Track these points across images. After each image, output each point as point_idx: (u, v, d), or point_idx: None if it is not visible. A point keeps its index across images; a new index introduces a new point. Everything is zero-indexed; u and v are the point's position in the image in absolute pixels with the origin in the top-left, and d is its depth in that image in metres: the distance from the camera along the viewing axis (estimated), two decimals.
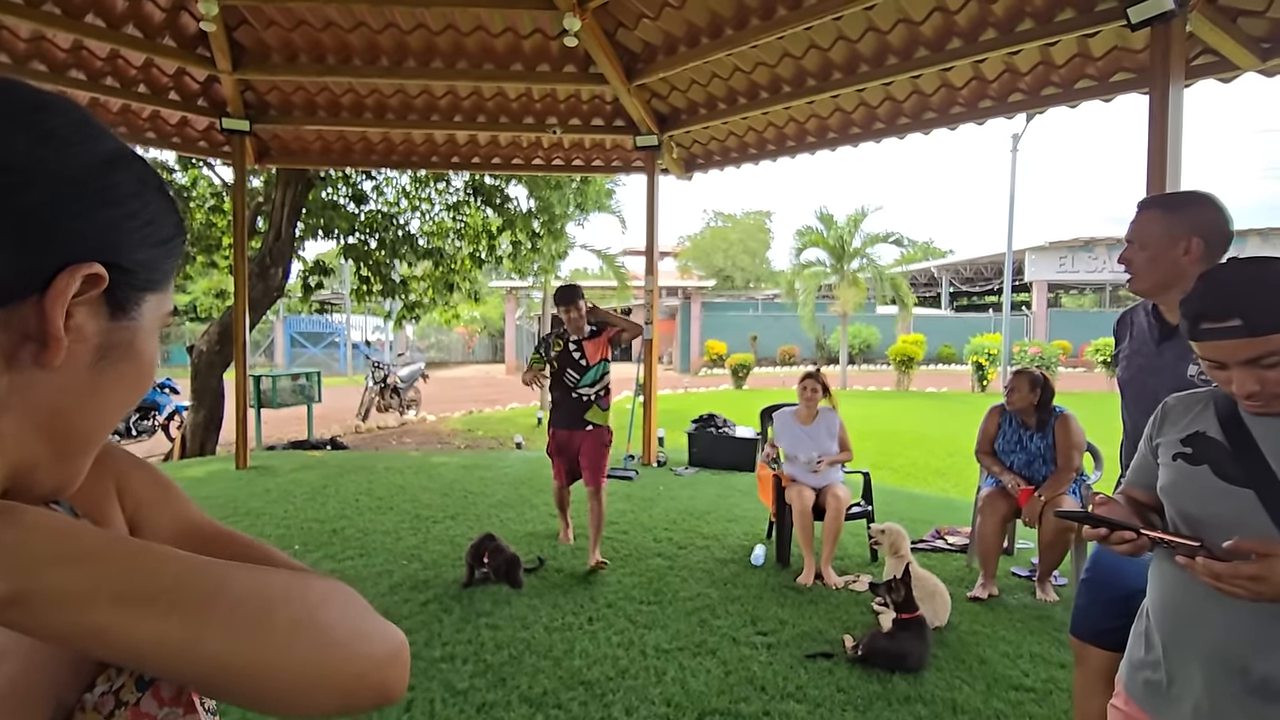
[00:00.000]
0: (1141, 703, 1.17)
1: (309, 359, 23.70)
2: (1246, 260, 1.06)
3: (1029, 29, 4.04)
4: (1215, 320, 1.03)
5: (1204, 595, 1.04)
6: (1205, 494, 1.09)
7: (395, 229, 8.81)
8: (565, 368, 3.79)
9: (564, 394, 3.83)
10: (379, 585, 3.43)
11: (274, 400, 8.32)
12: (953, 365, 24.29)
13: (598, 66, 5.42)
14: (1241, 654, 1.03)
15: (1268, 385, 1.02)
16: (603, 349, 3.84)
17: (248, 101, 5.92)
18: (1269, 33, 3.70)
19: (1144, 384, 1.75)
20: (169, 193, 0.45)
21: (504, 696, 2.44)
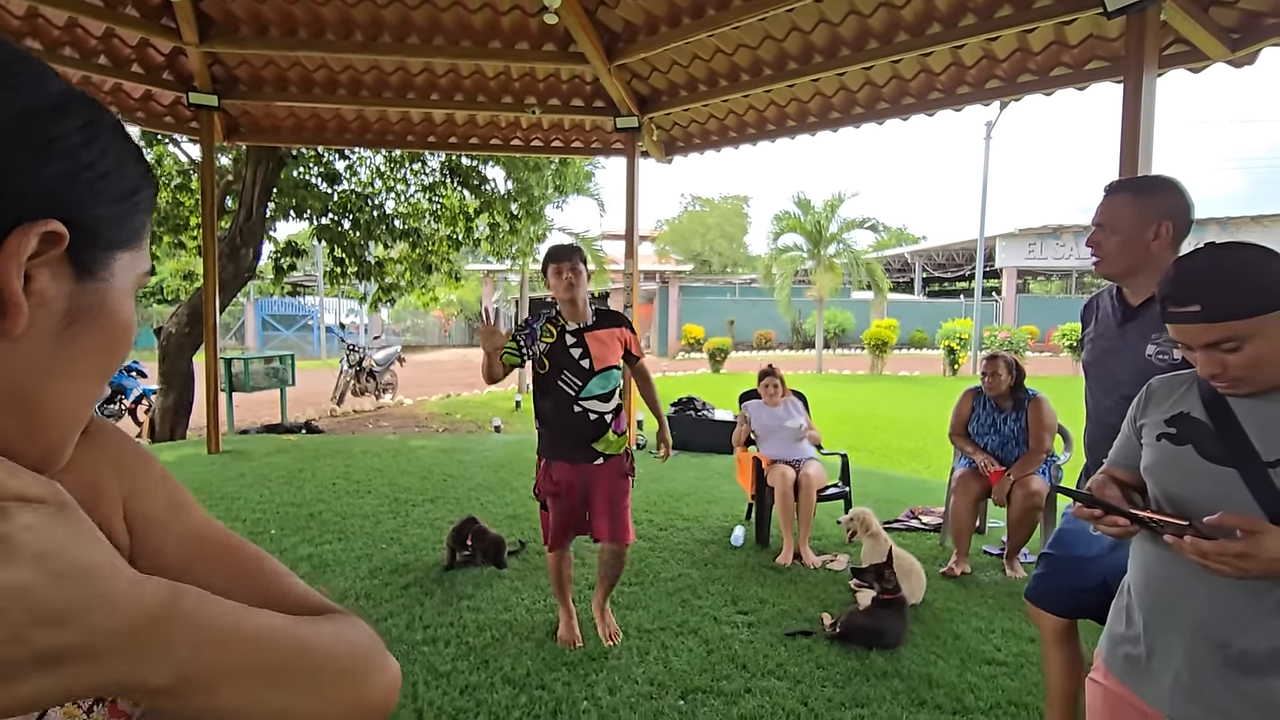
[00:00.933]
0: (1122, 677, 1.21)
1: (281, 342, 23.25)
2: (1216, 247, 1.09)
3: (1007, 15, 4.07)
4: (1178, 305, 1.06)
5: (1186, 572, 1.07)
6: (1189, 473, 1.12)
7: (370, 210, 8.64)
8: (560, 368, 2.58)
9: (558, 407, 2.58)
10: (359, 569, 3.41)
11: (246, 384, 8.16)
12: (925, 350, 24.68)
13: (578, 45, 5.34)
14: (1222, 629, 1.06)
15: (1229, 368, 1.05)
16: (614, 350, 2.65)
17: (216, 76, 5.73)
18: (1239, 23, 3.77)
19: (1105, 365, 1.81)
20: (130, 140, 0.41)
21: (487, 678, 2.45)
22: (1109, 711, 1.22)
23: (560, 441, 2.61)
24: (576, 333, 2.60)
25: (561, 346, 2.58)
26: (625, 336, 2.69)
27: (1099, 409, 1.82)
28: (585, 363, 2.57)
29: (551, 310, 2.66)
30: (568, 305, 2.62)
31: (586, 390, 2.57)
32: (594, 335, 2.60)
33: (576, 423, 2.57)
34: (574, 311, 2.62)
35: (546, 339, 2.60)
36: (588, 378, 2.57)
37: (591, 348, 2.58)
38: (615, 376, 2.64)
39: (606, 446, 2.60)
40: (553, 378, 2.59)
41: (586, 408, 2.57)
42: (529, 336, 2.61)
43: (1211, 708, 1.07)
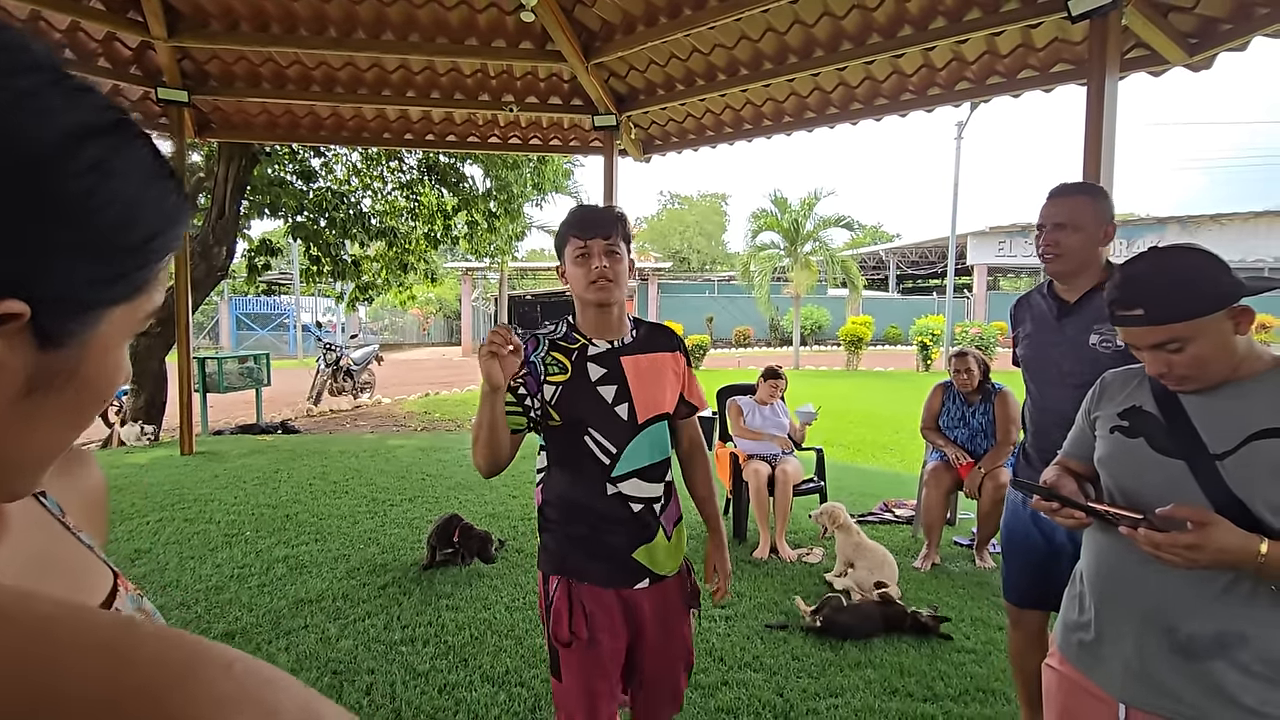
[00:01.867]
0: (1075, 662, 1.26)
1: (256, 341, 22.87)
2: (1160, 252, 1.14)
3: (976, 18, 4.16)
4: (1124, 309, 1.12)
5: (1137, 561, 1.13)
6: (1140, 465, 1.17)
7: (346, 208, 8.55)
8: (580, 423, 1.53)
9: (578, 491, 1.57)
10: (336, 570, 3.40)
11: (220, 384, 8.03)
12: (899, 346, 25.02)
13: (555, 43, 5.34)
14: (1169, 615, 1.11)
15: (1174, 367, 1.11)
16: (666, 388, 1.61)
17: (185, 71, 5.64)
18: (1196, 28, 3.89)
19: (1047, 357, 1.91)
20: (159, 175, 0.37)
21: (466, 677, 2.46)
22: (1064, 696, 1.28)
23: (581, 550, 1.53)
24: (607, 358, 1.54)
25: (582, 385, 1.51)
26: (680, 368, 1.65)
27: (1044, 399, 1.93)
28: (623, 410, 1.51)
29: (559, 325, 1.58)
30: (594, 312, 1.54)
31: (626, 459, 1.51)
32: (635, 362, 1.55)
33: (607, 517, 1.52)
34: (604, 322, 1.55)
35: (555, 376, 1.50)
36: (627, 437, 1.51)
37: (633, 384, 1.53)
38: (665, 434, 1.61)
39: (655, 556, 1.55)
40: (568, 439, 1.52)
41: (624, 491, 1.52)
42: (528, 379, 1.50)
43: (1159, 690, 1.13)
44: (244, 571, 3.38)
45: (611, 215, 1.53)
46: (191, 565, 3.46)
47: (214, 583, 3.24)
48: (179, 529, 3.99)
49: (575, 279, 1.52)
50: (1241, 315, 1.08)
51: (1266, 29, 3.55)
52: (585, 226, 1.50)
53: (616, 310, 1.55)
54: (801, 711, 2.31)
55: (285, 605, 3.01)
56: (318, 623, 2.85)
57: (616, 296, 1.51)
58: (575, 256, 1.51)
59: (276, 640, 2.70)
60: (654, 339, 1.64)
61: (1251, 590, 1.07)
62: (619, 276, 1.50)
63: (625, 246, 1.54)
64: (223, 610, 2.96)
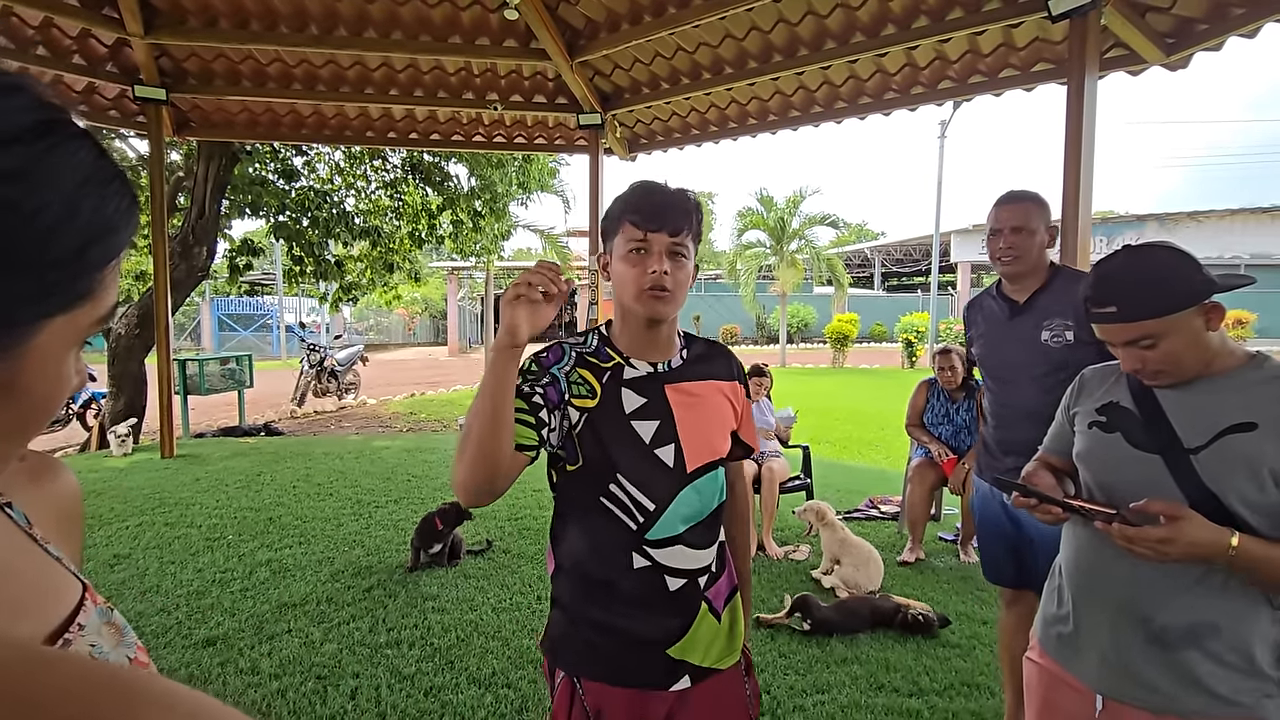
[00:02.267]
0: (1055, 655, 1.28)
1: (239, 342, 22.60)
2: (1132, 251, 1.15)
3: (959, 17, 4.19)
4: (1097, 306, 1.13)
5: (1112, 555, 1.14)
6: (1118, 460, 1.19)
7: (329, 207, 8.46)
8: (609, 468, 1.14)
9: (604, 555, 1.16)
10: (320, 573, 3.36)
11: (202, 386, 7.93)
12: (884, 343, 25.20)
13: (539, 41, 5.31)
14: (1144, 607, 1.13)
15: (1148, 363, 1.12)
16: (720, 424, 1.23)
17: (163, 69, 5.55)
18: (1173, 28, 3.94)
19: (1003, 354, 1.99)
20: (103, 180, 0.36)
21: (452, 679, 2.45)
22: (1044, 689, 1.29)
23: (597, 639, 1.16)
24: (648, 385, 1.18)
25: (613, 416, 1.15)
26: (739, 402, 1.27)
27: (1006, 394, 2.02)
28: (667, 454, 1.15)
29: (589, 337, 1.22)
30: (639, 327, 1.18)
31: (667, 519, 1.14)
32: (684, 393, 1.19)
33: (634, 598, 1.15)
34: (650, 340, 1.19)
35: (581, 400, 1.15)
36: (670, 490, 1.14)
37: (680, 420, 1.17)
38: (720, 484, 1.23)
39: (701, 647, 1.17)
40: (589, 487, 1.15)
41: (660, 560, 1.14)
42: (549, 393, 1.13)
43: (1135, 681, 1.14)
44: (226, 576, 3.33)
45: (686, 204, 1.14)
46: (172, 570, 3.41)
47: (195, 588, 3.20)
48: (159, 533, 3.93)
49: (622, 280, 1.14)
50: (1213, 312, 1.09)
51: (1241, 29, 3.60)
52: (651, 214, 1.11)
53: (667, 328, 1.19)
54: (789, 708, 2.31)
55: (268, 609, 2.97)
56: (301, 627, 2.82)
57: (672, 311, 1.15)
58: (628, 250, 1.13)
59: (259, 645, 2.67)
60: (709, 363, 1.24)
61: (1223, 582, 1.08)
62: (680, 287, 1.14)
63: (694, 248, 1.18)
64: (204, 615, 2.92)
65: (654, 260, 1.12)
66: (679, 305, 1.17)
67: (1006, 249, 1.89)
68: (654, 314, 1.14)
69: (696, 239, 1.19)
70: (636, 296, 1.13)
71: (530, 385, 1.12)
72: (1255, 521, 1.05)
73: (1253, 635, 1.08)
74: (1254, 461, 1.04)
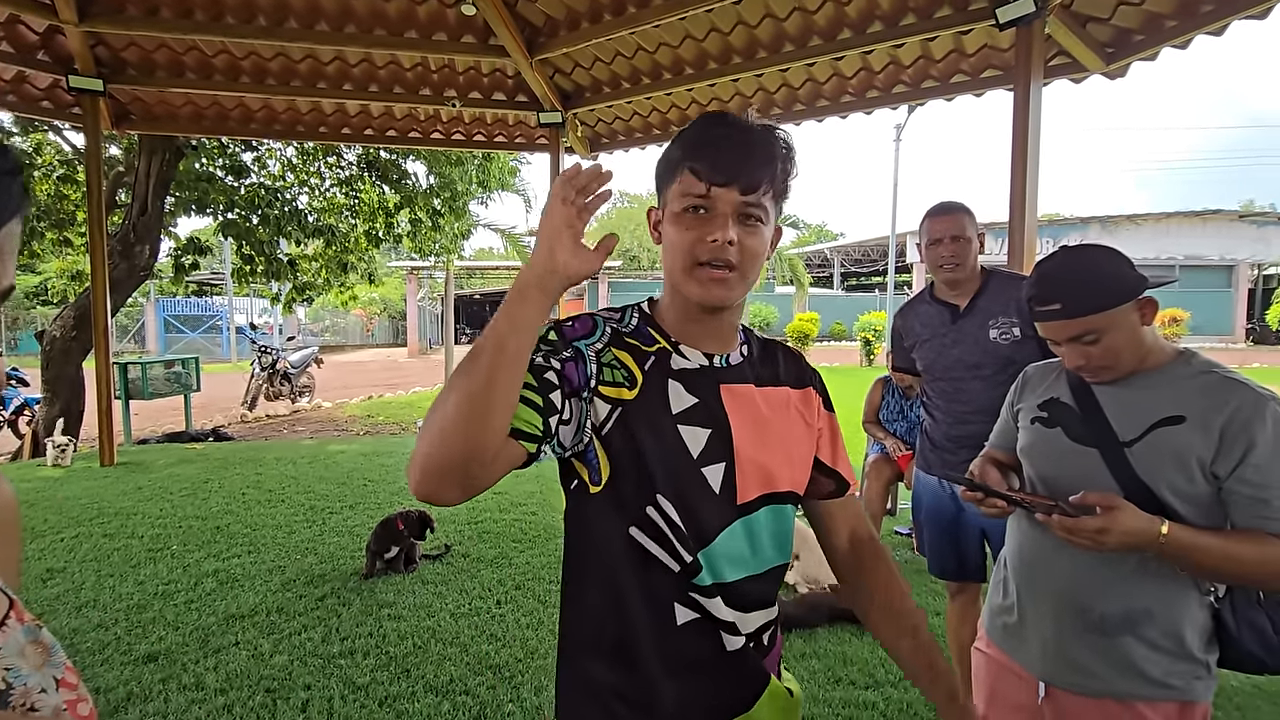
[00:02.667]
0: (1001, 644, 1.31)
1: (187, 344, 21.79)
2: (1069, 251, 1.20)
3: (911, 23, 4.29)
4: (1042, 304, 1.16)
5: (1054, 547, 1.18)
6: (1058, 453, 1.23)
7: (281, 205, 8.21)
8: (649, 476, 0.83)
9: (638, 606, 0.85)
10: (270, 582, 3.25)
11: (145, 390, 7.60)
12: (844, 341, 25.69)
13: (498, 38, 5.25)
14: (1084, 597, 1.17)
15: (1091, 359, 1.16)
16: (798, 447, 0.95)
17: (100, 58, 5.31)
18: (1112, 39, 4.10)
19: (951, 356, 2.07)
20: None
21: (408, 688, 2.39)
22: (990, 677, 1.33)
23: (640, 715, 0.85)
24: (701, 380, 0.90)
25: (655, 413, 0.86)
26: (817, 417, 1.01)
27: (959, 393, 2.09)
28: (714, 475, 0.86)
29: (628, 312, 0.96)
30: (693, 313, 0.90)
31: (716, 559, 0.86)
32: (745, 397, 0.91)
33: (687, 655, 0.86)
34: (708, 328, 0.92)
35: (615, 388, 0.86)
36: (718, 521, 0.86)
37: (737, 432, 0.88)
38: (786, 528, 0.93)
39: None
40: (618, 514, 0.86)
41: (712, 611, 0.86)
42: (569, 372, 0.83)
43: (1074, 668, 1.18)
44: (169, 588, 3.20)
45: (770, 148, 0.84)
46: (111, 583, 3.25)
47: (136, 601, 3.06)
48: (97, 545, 3.75)
49: (673, 248, 0.85)
50: (1147, 306, 1.14)
51: (1174, 40, 3.76)
52: (719, 162, 0.82)
53: (730, 315, 0.91)
54: None
55: (214, 622, 2.86)
56: (250, 638, 2.72)
57: (735, 295, 0.86)
58: (685, 208, 0.84)
59: (204, 659, 2.57)
60: (776, 363, 0.98)
61: (1157, 570, 1.12)
62: (750, 262, 0.84)
63: (775, 209, 0.87)
64: (145, 630, 2.79)
65: (716, 225, 0.82)
66: (746, 287, 0.86)
67: (950, 257, 1.98)
68: (709, 298, 0.84)
69: (781, 196, 0.87)
70: (687, 271, 0.84)
71: (545, 357, 0.81)
72: (1185, 511, 1.09)
73: (1183, 620, 1.13)
74: (1183, 453, 1.09)
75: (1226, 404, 1.07)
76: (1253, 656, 1.13)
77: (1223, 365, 1.14)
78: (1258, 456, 1.04)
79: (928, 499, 2.17)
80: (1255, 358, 18.06)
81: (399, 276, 25.01)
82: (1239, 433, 1.05)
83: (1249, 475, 1.05)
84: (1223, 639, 1.15)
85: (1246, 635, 1.13)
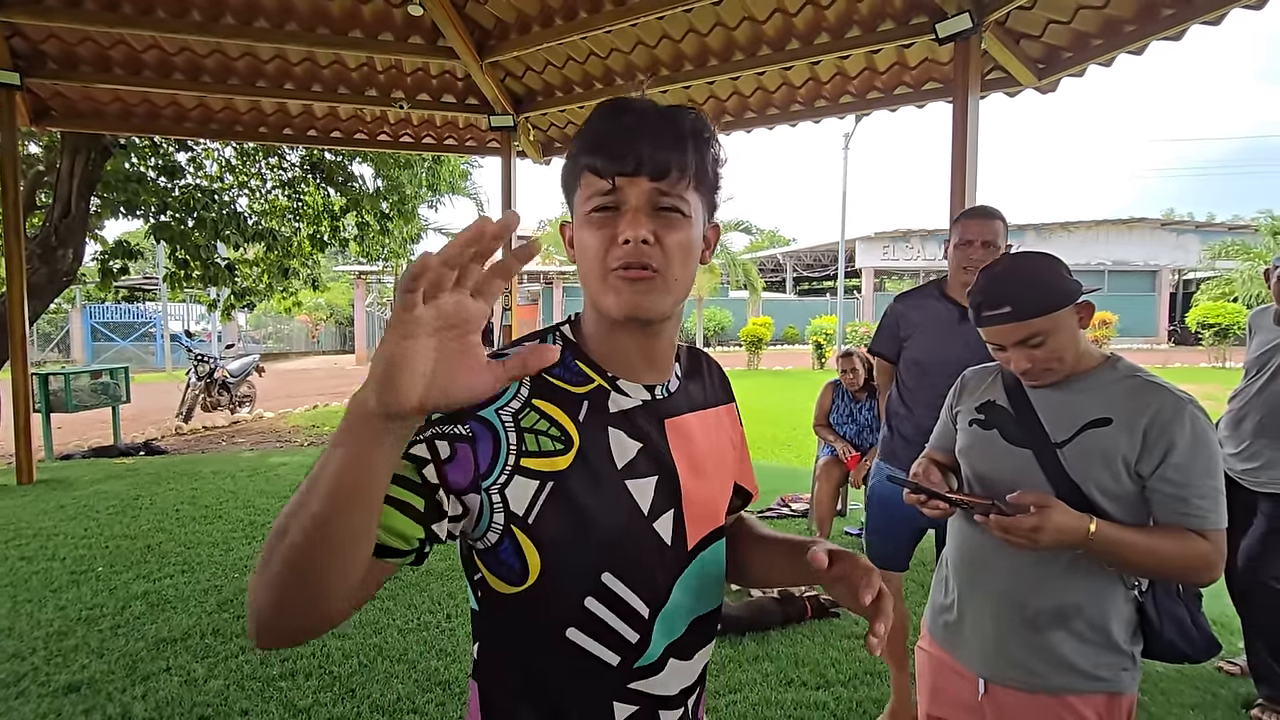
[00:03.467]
0: (942, 643, 1.34)
1: (117, 353, 20.67)
2: (1013, 258, 1.24)
3: (856, 36, 4.41)
4: (992, 308, 1.20)
5: (993, 547, 1.21)
6: (994, 455, 1.26)
7: (218, 207, 7.87)
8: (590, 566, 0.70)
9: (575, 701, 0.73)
10: (205, 603, 3.10)
11: (68, 402, 7.17)
12: (796, 345, 26.17)
13: (446, 40, 5.17)
14: (1020, 594, 1.21)
15: (1037, 362, 1.20)
16: (725, 473, 0.85)
17: (16, 50, 5.01)
18: (1043, 55, 4.30)
19: (950, 356, 2.07)
20: None
21: (353, 709, 2.31)
22: (932, 675, 1.36)
23: None
24: (645, 418, 0.76)
25: (603, 477, 0.70)
26: (738, 434, 0.94)
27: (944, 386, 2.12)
28: (664, 527, 0.74)
29: (549, 340, 0.77)
30: (622, 332, 0.74)
31: (664, 623, 0.75)
32: (686, 429, 0.79)
33: None
34: (645, 351, 0.77)
35: (546, 458, 0.68)
36: (670, 577, 0.75)
37: (683, 472, 0.76)
38: (723, 561, 0.84)
39: None
40: (551, 615, 0.71)
41: (653, 692, 0.76)
42: (462, 460, 0.65)
43: (1012, 663, 1.22)
44: (94, 613, 3.01)
45: (677, 126, 0.70)
46: (28, 609, 3.04)
47: (56, 628, 2.87)
48: (13, 569, 3.51)
49: (585, 255, 0.71)
50: (1084, 309, 1.19)
51: (1099, 58, 3.97)
52: (619, 149, 0.68)
53: (668, 330, 0.77)
54: None
55: (143, 647, 2.71)
56: (182, 663, 2.58)
57: (662, 303, 0.70)
58: (590, 210, 0.70)
59: (132, 688, 2.42)
60: (703, 378, 0.88)
61: (1087, 567, 1.17)
62: (674, 260, 0.70)
63: (701, 200, 0.72)
64: (66, 659, 2.62)
65: (626, 221, 0.67)
66: (675, 294, 0.71)
67: (978, 261, 2.01)
68: (628, 308, 0.69)
69: (705, 184, 0.72)
70: (602, 279, 0.70)
71: (428, 444, 0.63)
72: (1112, 509, 1.14)
73: (1110, 614, 1.18)
74: (1109, 453, 1.13)
75: (1149, 406, 1.12)
76: (1173, 646, 1.18)
77: (1145, 370, 1.19)
78: (1177, 456, 1.09)
79: (887, 491, 2.20)
80: (1176, 358, 19.17)
81: (346, 281, 24.33)
82: (1160, 434, 1.10)
83: (1170, 474, 1.10)
84: (1146, 631, 1.20)
85: (1168, 627, 1.18)
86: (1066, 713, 1.17)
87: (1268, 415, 2.34)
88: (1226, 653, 2.59)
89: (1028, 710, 1.20)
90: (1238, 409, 2.47)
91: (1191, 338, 20.34)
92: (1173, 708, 2.35)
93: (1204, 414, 1.13)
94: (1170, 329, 26.07)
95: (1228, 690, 2.48)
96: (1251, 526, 2.37)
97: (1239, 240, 20.06)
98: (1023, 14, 3.98)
